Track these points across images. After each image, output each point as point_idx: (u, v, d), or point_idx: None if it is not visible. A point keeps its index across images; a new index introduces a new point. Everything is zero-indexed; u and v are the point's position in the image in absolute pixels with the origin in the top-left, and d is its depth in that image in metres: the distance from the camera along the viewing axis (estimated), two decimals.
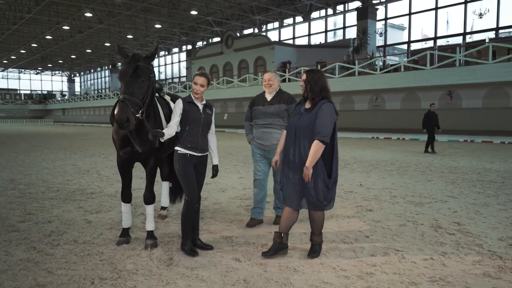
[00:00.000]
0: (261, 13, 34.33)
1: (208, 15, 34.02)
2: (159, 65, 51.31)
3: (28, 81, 70.30)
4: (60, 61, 57.85)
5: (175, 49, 49.73)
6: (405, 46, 29.05)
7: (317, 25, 35.14)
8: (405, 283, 3.02)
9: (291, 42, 35.72)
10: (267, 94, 4.64)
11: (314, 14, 34.28)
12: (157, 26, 36.68)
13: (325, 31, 34.25)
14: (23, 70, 67.15)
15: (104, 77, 63.82)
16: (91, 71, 67.02)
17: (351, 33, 31.38)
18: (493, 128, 18.10)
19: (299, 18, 35.30)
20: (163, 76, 51.08)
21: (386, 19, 29.45)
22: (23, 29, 37.75)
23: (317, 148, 3.33)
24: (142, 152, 3.78)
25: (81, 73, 70.64)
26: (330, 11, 32.97)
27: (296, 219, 3.64)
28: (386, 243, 3.95)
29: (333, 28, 34.28)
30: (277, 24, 37.71)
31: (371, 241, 4.03)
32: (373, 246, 3.86)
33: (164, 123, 3.94)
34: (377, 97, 23.37)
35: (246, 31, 39.34)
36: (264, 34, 36.36)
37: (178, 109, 3.64)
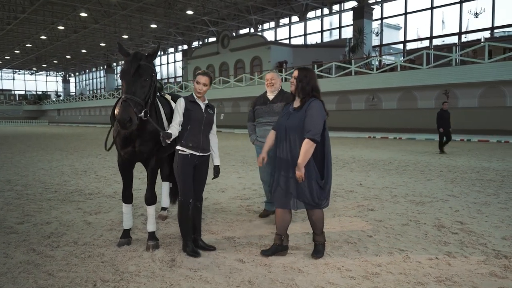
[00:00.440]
0: (257, 13, 34.29)
1: (204, 15, 33.93)
2: (154, 65, 51.06)
3: (22, 82, 69.78)
4: (55, 62, 57.44)
5: (171, 49, 49.57)
6: (401, 46, 29.15)
7: (313, 25, 35.19)
8: (412, 283, 2.99)
9: (287, 42, 35.72)
10: (269, 93, 4.69)
11: (310, 14, 34.30)
12: (153, 26, 36.55)
13: (321, 31, 34.27)
14: (18, 70, 66.63)
15: (99, 78, 63.45)
16: (86, 71, 66.62)
17: (347, 33, 31.44)
18: (489, 127, 18.17)
19: (295, 18, 35.30)
20: (158, 76, 50.86)
21: (382, 18, 29.52)
22: (17, 29, 37.43)
23: (308, 147, 3.26)
24: (143, 152, 3.73)
25: (76, 74, 70.22)
26: (326, 10, 33.01)
27: (289, 219, 3.58)
28: (389, 243, 3.92)
29: (329, 27, 34.31)
30: (273, 24, 37.69)
31: (374, 240, 4.00)
32: (377, 246, 3.83)
33: (165, 122, 3.89)
34: (374, 97, 23.40)
35: (242, 31, 39.28)
36: (260, 34, 36.34)
37: (180, 108, 3.59)
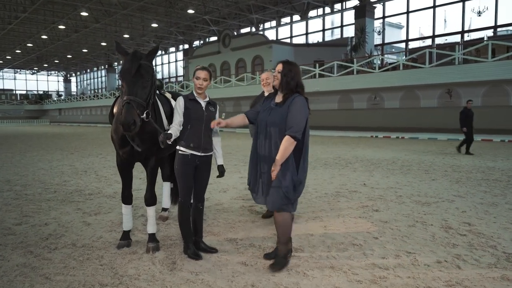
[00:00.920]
0: (258, 11, 34.17)
1: (205, 14, 33.82)
2: (155, 65, 51.00)
3: (23, 81, 69.80)
4: (56, 61, 57.40)
5: (172, 49, 49.48)
6: (403, 45, 28.98)
7: (315, 24, 35.06)
8: (421, 287, 2.88)
9: (288, 41, 35.58)
10: (266, 93, 4.68)
11: (312, 13, 34.16)
12: (154, 25, 36.46)
13: (323, 30, 34.13)
14: (19, 70, 66.63)
15: (101, 77, 63.38)
16: (87, 71, 66.57)
17: (349, 32, 31.29)
18: (493, 127, 18.02)
19: (296, 17, 35.15)
20: (160, 76, 50.81)
21: (384, 17, 29.37)
22: (18, 28, 37.39)
23: (288, 145, 3.04)
24: (142, 152, 3.63)
25: (77, 73, 70.16)
26: (328, 9, 32.86)
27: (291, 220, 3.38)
28: (396, 245, 3.81)
29: (330, 26, 34.17)
30: (274, 23, 37.55)
31: (381, 242, 3.89)
32: (384, 248, 3.73)
33: (165, 121, 3.79)
34: (376, 96, 23.28)
35: (243, 30, 39.16)
36: (262, 33, 36.23)
37: (180, 108, 3.47)
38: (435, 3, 26.16)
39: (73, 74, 71.34)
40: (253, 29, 37.57)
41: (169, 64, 50.82)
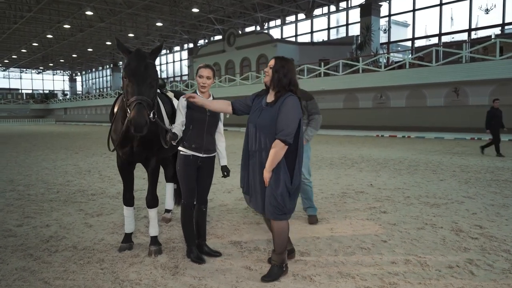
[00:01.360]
0: (263, 10, 34.02)
1: (209, 13, 33.73)
2: (160, 64, 51.03)
3: (29, 81, 70.09)
4: (62, 60, 57.58)
5: (177, 48, 49.43)
6: (409, 43, 28.72)
7: (320, 22, 34.83)
8: None
9: (293, 39, 35.41)
10: None
11: (317, 11, 33.92)
12: (159, 24, 36.41)
13: (328, 28, 33.91)
14: (25, 69, 66.94)
15: (106, 76, 63.57)
16: (93, 70, 66.75)
17: (354, 30, 31.04)
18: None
19: (301, 15, 34.95)
20: (164, 75, 50.81)
21: (389, 15, 29.11)
22: (23, 28, 37.51)
23: (278, 149, 2.83)
24: (142, 152, 3.54)
25: (82, 72, 70.39)
26: (333, 8, 32.64)
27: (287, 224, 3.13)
28: (406, 249, 3.69)
29: (336, 25, 33.94)
30: (279, 21, 37.38)
31: (389, 246, 3.77)
32: (393, 252, 3.61)
33: (167, 121, 3.70)
34: (382, 95, 23.07)
35: (248, 29, 39.00)
36: (266, 31, 36.06)
37: (182, 108, 3.37)
38: (441, 1, 25.87)
39: (79, 73, 71.58)
40: (258, 28, 37.42)
41: (174, 63, 50.79)
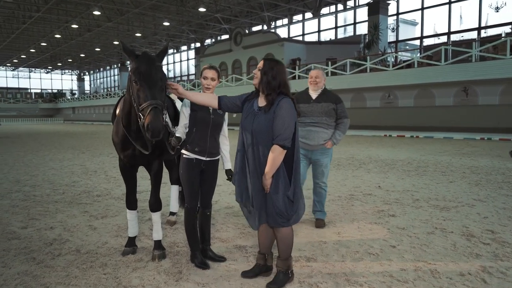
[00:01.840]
0: (270, 9, 33.89)
1: (216, 12, 33.69)
2: (167, 63, 51.13)
3: (38, 80, 70.66)
4: (70, 60, 57.98)
5: (184, 47, 49.48)
6: (418, 42, 28.41)
7: (327, 21, 34.60)
8: None
9: (300, 38, 35.24)
10: (312, 91, 4.46)
11: (324, 10, 33.71)
12: (166, 23, 36.45)
13: (335, 27, 33.69)
14: (34, 69, 67.53)
15: (113, 76, 63.90)
16: (101, 69, 67.12)
17: (362, 29, 30.79)
18: (511, 126, 17.52)
19: (308, 14, 34.76)
20: (171, 74, 50.88)
21: (398, 14, 28.82)
22: (32, 28, 37.79)
23: (276, 154, 2.77)
24: (145, 155, 3.48)
25: (90, 72, 70.82)
26: (340, 6, 32.40)
27: (274, 235, 3.06)
28: (415, 255, 3.59)
29: (343, 24, 33.71)
30: (286, 20, 37.21)
31: (398, 252, 3.68)
32: (402, 258, 3.51)
33: (169, 123, 3.63)
34: (390, 94, 22.86)
35: (255, 28, 38.90)
36: (273, 31, 35.93)
37: (186, 110, 3.30)
38: None
39: (87, 73, 72.03)
40: (265, 27, 37.30)
41: (181, 62, 50.84)
